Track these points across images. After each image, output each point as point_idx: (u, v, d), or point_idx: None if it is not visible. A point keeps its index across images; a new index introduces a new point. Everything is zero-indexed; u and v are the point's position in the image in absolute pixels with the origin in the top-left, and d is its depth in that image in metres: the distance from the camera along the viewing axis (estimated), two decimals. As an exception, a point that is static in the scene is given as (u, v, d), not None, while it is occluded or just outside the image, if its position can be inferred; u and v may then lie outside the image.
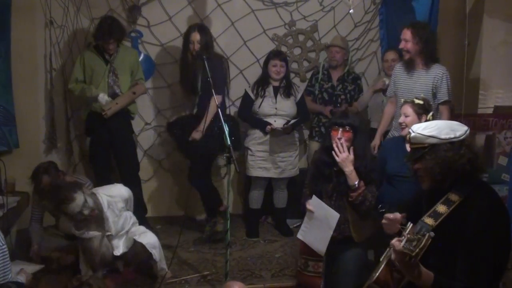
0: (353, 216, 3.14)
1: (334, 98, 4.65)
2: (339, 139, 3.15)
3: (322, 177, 3.23)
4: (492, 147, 3.89)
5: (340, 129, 3.16)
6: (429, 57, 3.69)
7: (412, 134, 2.25)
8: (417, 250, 1.95)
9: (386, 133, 4.03)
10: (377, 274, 2.23)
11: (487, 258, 2.07)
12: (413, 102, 3.32)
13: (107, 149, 4.24)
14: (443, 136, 2.18)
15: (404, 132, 3.28)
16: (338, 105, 4.61)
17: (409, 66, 3.76)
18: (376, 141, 4.05)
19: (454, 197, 2.17)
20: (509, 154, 3.78)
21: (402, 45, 3.72)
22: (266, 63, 4.38)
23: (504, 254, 2.14)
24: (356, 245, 3.16)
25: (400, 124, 3.33)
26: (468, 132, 2.23)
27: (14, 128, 4.19)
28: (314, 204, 3.14)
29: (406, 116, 3.30)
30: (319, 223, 3.12)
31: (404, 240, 1.99)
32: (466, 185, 2.17)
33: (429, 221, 2.15)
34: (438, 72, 3.68)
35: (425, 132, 2.21)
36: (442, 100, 3.71)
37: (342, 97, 4.65)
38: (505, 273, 2.25)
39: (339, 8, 4.88)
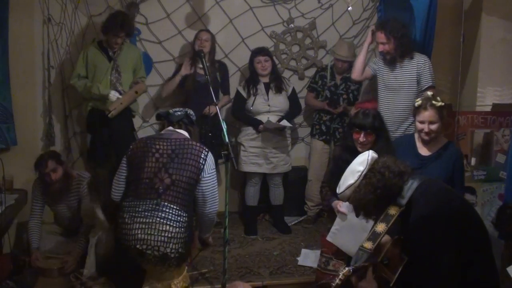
0: None
1: (336, 96, 4.63)
2: (362, 143, 3.08)
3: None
4: (490, 144, 3.89)
5: (362, 133, 3.07)
6: (407, 49, 3.82)
7: (340, 195, 2.40)
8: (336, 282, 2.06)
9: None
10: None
11: (434, 270, 2.04)
12: (433, 105, 3.02)
13: (108, 146, 4.21)
14: (351, 181, 2.27)
15: (428, 138, 3.10)
16: (341, 103, 4.59)
17: (390, 62, 3.88)
18: None
19: (393, 210, 2.16)
20: (507, 152, 3.78)
21: (380, 48, 3.86)
22: (251, 62, 4.42)
23: (454, 256, 2.06)
24: None
25: (427, 133, 3.07)
26: (370, 157, 2.30)
27: (12, 126, 4.18)
28: (348, 206, 3.01)
29: (432, 123, 3.03)
30: (352, 226, 3.01)
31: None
32: (401, 196, 2.17)
33: (367, 245, 2.15)
34: (420, 59, 3.82)
35: (342, 188, 2.33)
36: (426, 86, 3.78)
37: (344, 96, 4.64)
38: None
39: (338, 6, 4.87)
